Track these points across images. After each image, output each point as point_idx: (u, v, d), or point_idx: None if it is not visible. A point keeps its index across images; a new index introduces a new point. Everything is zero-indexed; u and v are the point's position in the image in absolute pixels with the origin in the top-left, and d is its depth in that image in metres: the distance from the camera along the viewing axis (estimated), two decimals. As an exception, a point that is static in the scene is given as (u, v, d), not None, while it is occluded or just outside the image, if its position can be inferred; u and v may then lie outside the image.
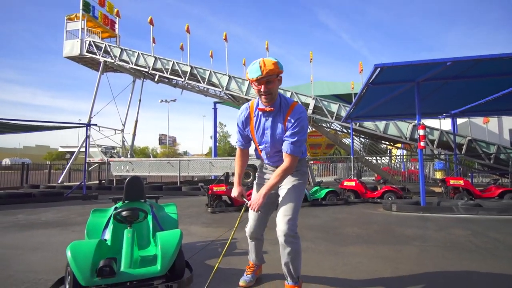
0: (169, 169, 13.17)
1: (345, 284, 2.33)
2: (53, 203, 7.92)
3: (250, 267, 2.37)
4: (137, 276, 2.07)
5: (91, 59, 16.07)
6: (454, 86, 6.86)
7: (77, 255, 2.01)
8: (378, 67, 5.13)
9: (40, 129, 10.36)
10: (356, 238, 3.91)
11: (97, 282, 1.94)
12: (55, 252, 3.36)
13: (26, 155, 50.22)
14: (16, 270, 2.77)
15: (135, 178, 3.08)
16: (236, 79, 13.66)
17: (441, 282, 2.38)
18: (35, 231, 4.53)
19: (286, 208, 1.96)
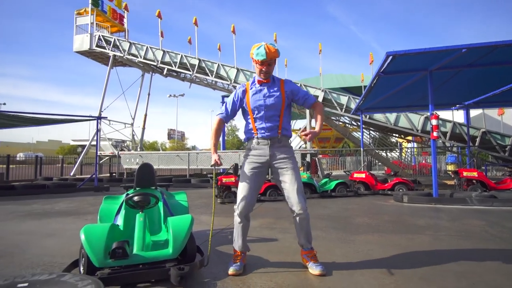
0: (178, 162, 13.28)
1: (358, 269, 2.31)
2: (66, 194, 8.09)
3: (237, 256, 2.36)
4: (149, 259, 2.09)
5: (101, 54, 16.22)
6: (468, 75, 6.67)
7: (90, 237, 2.04)
8: (390, 55, 5.02)
9: (52, 122, 10.54)
10: (367, 227, 3.87)
11: (110, 264, 1.97)
12: (69, 238, 3.43)
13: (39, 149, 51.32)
14: (32, 254, 2.84)
15: (146, 165, 3.10)
16: (245, 72, 13.60)
17: (455, 269, 2.33)
18: (50, 219, 4.64)
19: (299, 189, 2.27)
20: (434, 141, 5.80)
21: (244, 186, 2.34)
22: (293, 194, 2.25)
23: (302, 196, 2.26)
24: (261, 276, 2.21)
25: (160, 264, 2.10)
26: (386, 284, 2.05)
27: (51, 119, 9.74)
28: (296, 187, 2.25)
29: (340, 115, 13.74)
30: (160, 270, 2.03)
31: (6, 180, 11.78)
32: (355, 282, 2.08)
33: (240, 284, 2.07)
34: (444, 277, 2.16)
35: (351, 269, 2.35)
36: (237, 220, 2.35)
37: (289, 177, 2.28)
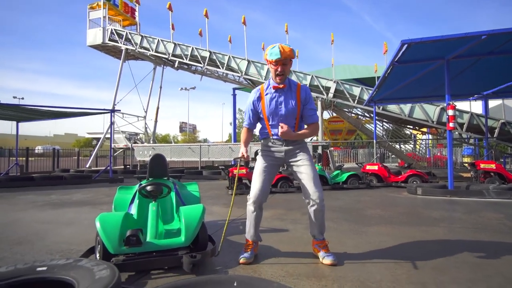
0: (189, 154, 13.41)
1: (370, 259, 2.30)
2: (82, 185, 8.32)
3: (249, 245, 2.38)
4: (162, 247, 2.15)
5: (113, 47, 16.41)
6: (487, 63, 6.42)
7: (105, 225, 2.09)
8: (405, 43, 4.87)
9: (68, 115, 10.80)
10: (379, 219, 3.83)
11: (125, 251, 2.03)
12: (86, 227, 3.53)
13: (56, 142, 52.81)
14: (51, 241, 2.94)
15: (159, 155, 3.15)
16: (255, 64, 13.52)
17: (470, 260, 2.28)
18: (67, 209, 4.79)
19: (315, 179, 2.30)
20: (450, 132, 5.64)
21: (258, 177, 2.37)
22: (310, 184, 2.27)
23: (319, 187, 2.29)
24: (272, 265, 2.22)
25: (173, 252, 2.15)
26: (398, 274, 2.03)
27: (67, 112, 9.99)
28: (313, 178, 2.29)
29: (353, 107, 13.51)
30: (172, 258, 2.07)
31: (26, 172, 12.21)
32: (367, 272, 2.07)
33: (251, 272, 2.09)
34: (459, 268, 2.13)
35: (363, 259, 2.33)
36: (250, 210, 2.37)
37: (305, 168, 2.33)
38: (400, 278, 1.96)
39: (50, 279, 1.37)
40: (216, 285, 1.21)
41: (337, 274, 2.04)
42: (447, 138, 5.71)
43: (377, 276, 2.00)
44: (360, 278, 1.97)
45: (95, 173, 10.43)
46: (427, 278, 1.97)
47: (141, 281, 1.96)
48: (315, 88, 12.75)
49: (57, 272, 1.40)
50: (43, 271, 1.40)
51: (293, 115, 2.34)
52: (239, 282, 1.21)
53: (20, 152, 13.46)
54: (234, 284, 1.21)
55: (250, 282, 1.20)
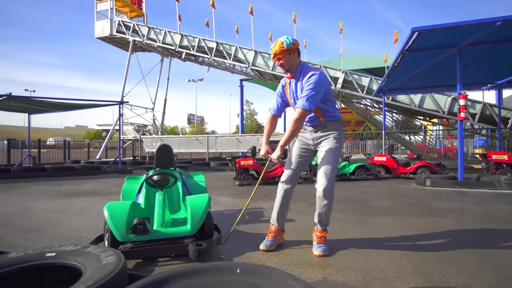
0: (197, 146, 13.51)
1: (376, 249, 2.29)
2: (92, 176, 8.48)
3: (271, 232, 2.39)
4: (168, 235, 2.18)
5: (121, 39, 16.46)
6: (501, 51, 6.21)
7: (113, 214, 2.14)
8: (416, 30, 4.73)
9: (77, 107, 10.96)
10: (386, 209, 3.80)
11: (132, 239, 2.07)
12: (95, 216, 3.61)
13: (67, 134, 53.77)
14: (62, 229, 3.02)
15: (165, 146, 3.18)
16: (263, 54, 13.39)
17: (478, 251, 2.25)
18: (78, 198, 4.90)
19: (325, 168, 2.24)
20: (461, 122, 5.51)
21: (290, 160, 2.44)
22: (318, 172, 2.28)
23: (324, 176, 2.22)
24: (278, 254, 2.24)
25: (179, 240, 2.18)
26: (404, 264, 2.02)
27: (77, 104, 10.14)
28: (323, 166, 2.25)
29: (361, 97, 13.30)
30: (179, 246, 2.11)
31: (38, 163, 12.49)
32: (372, 262, 2.06)
33: (256, 261, 2.11)
34: (466, 259, 2.10)
35: (368, 249, 2.33)
36: (279, 188, 2.42)
37: (321, 155, 2.32)
38: (405, 268, 1.95)
39: (58, 265, 1.41)
40: (219, 272, 1.22)
41: (341, 263, 2.04)
42: (458, 129, 5.59)
43: (382, 266, 1.99)
44: (365, 267, 1.96)
45: (105, 164, 10.61)
46: (432, 268, 1.95)
47: (147, 268, 2.00)
48: (323, 78, 12.59)
49: (66, 257, 1.44)
50: (52, 257, 1.43)
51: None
52: (242, 269, 1.22)
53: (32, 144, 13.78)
54: (237, 271, 1.22)
55: (253, 269, 1.21)
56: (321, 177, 2.23)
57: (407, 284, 1.73)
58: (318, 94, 2.22)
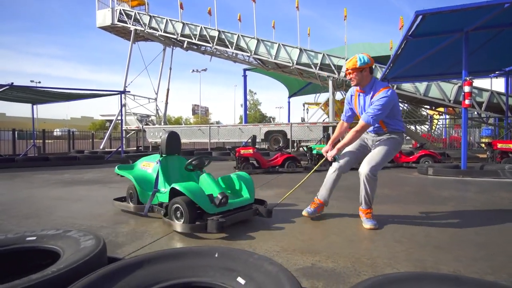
0: (200, 136, 13.50)
1: (369, 236, 2.24)
2: (95, 166, 8.54)
3: (315, 204, 2.80)
4: (238, 204, 2.58)
5: (123, 28, 16.31)
6: (509, 36, 5.98)
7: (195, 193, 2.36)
8: (420, 14, 4.56)
9: (79, 97, 10.96)
10: (385, 198, 3.74)
11: (218, 210, 2.39)
12: (93, 203, 3.63)
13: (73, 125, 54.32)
14: (58, 216, 3.03)
15: (174, 133, 3.19)
16: (265, 42, 13.17)
17: (475, 239, 2.19)
18: (78, 186, 4.92)
19: (372, 157, 2.55)
20: (466, 110, 5.37)
21: (348, 150, 2.76)
22: (365, 158, 2.60)
23: (368, 163, 2.52)
24: (268, 240, 2.21)
25: (250, 206, 2.66)
26: (397, 251, 1.97)
27: (79, 94, 10.14)
28: (372, 155, 2.57)
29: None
30: (252, 210, 2.61)
31: (43, 153, 12.62)
32: (364, 249, 2.02)
33: (246, 247, 2.08)
34: (462, 247, 2.05)
35: (361, 236, 2.29)
36: (330, 172, 2.77)
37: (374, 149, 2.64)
38: (398, 255, 1.91)
39: (38, 248, 1.39)
40: (196, 256, 1.19)
41: (333, 250, 2.00)
42: (462, 116, 5.45)
43: (374, 253, 1.95)
44: (356, 254, 1.92)
45: (108, 154, 10.67)
46: (426, 255, 1.91)
47: (118, 253, 1.98)
48: (326, 67, 12.38)
49: (46, 241, 1.42)
50: (32, 241, 1.42)
51: None
52: (220, 253, 1.18)
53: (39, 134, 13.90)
54: (215, 255, 1.18)
55: (231, 253, 1.17)
56: (365, 164, 2.53)
57: (397, 271, 1.68)
58: (383, 113, 2.49)
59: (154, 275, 1.13)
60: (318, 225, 2.60)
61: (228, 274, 1.11)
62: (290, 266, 1.75)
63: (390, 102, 2.46)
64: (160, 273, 1.14)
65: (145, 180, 3.00)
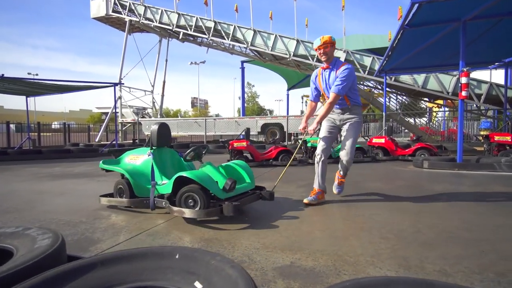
0: (196, 129, 13.39)
1: (355, 232, 2.16)
2: (88, 159, 8.45)
3: (315, 192, 3.06)
4: (242, 189, 2.70)
5: (118, 19, 16.04)
6: (508, 25, 5.82)
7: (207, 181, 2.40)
8: (416, 2, 4.41)
9: (72, 89, 10.81)
10: (376, 191, 3.66)
11: (228, 195, 2.48)
12: (76, 197, 3.54)
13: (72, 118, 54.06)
14: (39, 210, 2.95)
15: (164, 124, 3.12)
16: (262, 34, 12.94)
17: (465, 236, 2.11)
18: (66, 180, 4.84)
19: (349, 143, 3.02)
20: (462, 101, 5.26)
21: (322, 137, 3.13)
22: (343, 146, 3.05)
23: (348, 150, 3.02)
24: (250, 237, 2.12)
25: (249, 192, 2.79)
26: (382, 249, 1.89)
27: (71, 85, 9.98)
28: (347, 142, 3.02)
29: (363, 78, 12.91)
30: (257, 195, 2.75)
31: (38, 146, 12.52)
32: (348, 246, 1.94)
33: (225, 243, 1.99)
34: (450, 244, 1.97)
35: (347, 232, 2.20)
36: (316, 160, 3.10)
37: (344, 134, 3.07)
38: (382, 253, 1.82)
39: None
40: (155, 257, 1.10)
41: (315, 247, 1.92)
42: (459, 108, 5.34)
43: (358, 250, 1.87)
44: (338, 252, 1.84)
45: (103, 146, 10.56)
46: (412, 253, 1.82)
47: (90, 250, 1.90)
48: (324, 58, 12.17)
49: (2, 240, 1.33)
50: (-13, 239, 1.32)
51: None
52: (181, 255, 1.09)
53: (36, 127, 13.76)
54: (176, 257, 1.09)
55: (193, 254, 1.08)
56: (345, 154, 3.05)
57: (379, 270, 1.60)
58: (348, 84, 2.90)
59: (108, 278, 1.04)
60: (304, 220, 2.52)
61: (187, 277, 1.03)
62: (268, 265, 1.67)
63: (352, 73, 2.92)
64: (115, 275, 1.05)
65: (137, 173, 2.91)
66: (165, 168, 2.96)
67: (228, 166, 2.95)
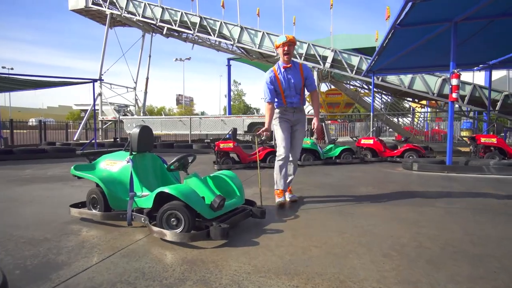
0: (181, 127, 12.99)
1: (355, 249, 1.97)
2: (65, 159, 7.96)
3: (279, 193, 3.16)
4: (232, 205, 2.43)
5: (98, 12, 15.34)
6: (496, 29, 5.83)
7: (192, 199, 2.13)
8: (410, 1, 4.28)
9: (48, 85, 10.21)
10: (370, 197, 3.50)
11: (216, 214, 2.21)
12: (46, 207, 3.20)
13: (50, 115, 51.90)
14: (1, 223, 2.60)
15: (147, 127, 2.80)
16: (249, 30, 12.67)
17: (470, 251, 1.96)
18: (37, 185, 4.44)
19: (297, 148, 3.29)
20: (452, 103, 5.21)
21: (281, 137, 3.13)
22: (295, 149, 3.26)
23: (296, 155, 3.29)
24: (239, 257, 1.89)
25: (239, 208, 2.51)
26: (387, 270, 1.70)
27: (48, 81, 9.40)
28: (298, 146, 3.27)
29: (351, 78, 12.90)
30: (248, 212, 2.50)
31: (11, 145, 11.78)
32: (349, 266, 1.74)
33: (211, 267, 1.75)
34: (457, 261, 1.80)
35: (346, 248, 2.01)
36: (279, 164, 3.13)
37: (297, 136, 3.25)
38: (387, 276, 1.63)
39: None
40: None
41: (313, 270, 1.71)
42: (449, 110, 5.28)
43: (361, 272, 1.67)
44: (340, 275, 1.64)
45: (81, 146, 10.02)
46: (419, 275, 1.64)
47: (51, 279, 1.62)
48: (311, 57, 12.05)
49: None
50: None
51: (298, 87, 3.12)
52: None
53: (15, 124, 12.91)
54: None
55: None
56: (297, 153, 3.30)
57: (389, 300, 1.41)
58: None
59: None
60: (297, 234, 2.31)
61: None
62: (262, 295, 1.44)
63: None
64: None
65: (114, 182, 2.59)
66: (146, 177, 2.66)
67: (216, 177, 2.66)
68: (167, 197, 2.17)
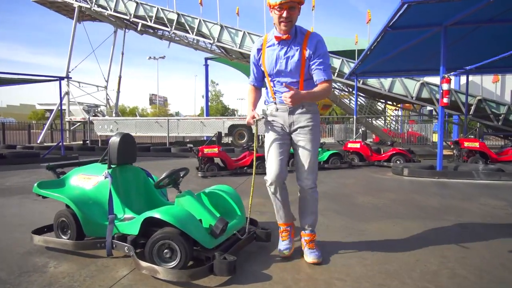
0: (157, 129, 12.30)
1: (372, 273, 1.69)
2: (26, 166, 7.12)
3: (283, 231, 2.12)
4: (234, 228, 2.07)
5: (65, 5, 14.24)
6: (478, 35, 5.92)
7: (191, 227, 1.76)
8: (406, 2, 4.15)
9: (10, 82, 9.21)
10: (374, 210, 3.28)
11: (217, 242, 1.86)
12: (2, 230, 2.65)
13: (10, 114, 48.22)
14: None
15: (129, 136, 2.35)
16: (229, 29, 12.29)
17: (508, 277, 1.75)
18: (-10, 200, 3.79)
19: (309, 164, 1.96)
20: (443, 108, 5.18)
21: (270, 155, 2.01)
22: (301, 168, 1.98)
23: (311, 173, 1.97)
24: None
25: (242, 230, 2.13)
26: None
27: (9, 78, 8.43)
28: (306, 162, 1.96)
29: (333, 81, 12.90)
30: (251, 235, 2.14)
31: (-38, 148, 10.55)
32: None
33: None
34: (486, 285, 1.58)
35: (375, 282, 1.72)
36: (271, 192, 2.05)
37: (301, 149, 1.98)
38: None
39: None
40: None
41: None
42: (439, 115, 5.26)
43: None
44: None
45: (46, 149, 9.12)
46: (472, 318, 1.39)
47: None
48: (293, 59, 11.89)
49: None
50: None
51: (296, 71, 1.90)
52: None
53: None
54: None
55: None
56: (305, 175, 1.97)
57: None
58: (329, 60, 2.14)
59: None
60: (308, 265, 1.99)
61: None
62: None
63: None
64: None
65: (88, 202, 2.12)
66: (129, 195, 2.23)
67: (212, 194, 2.28)
68: (156, 222, 1.79)
